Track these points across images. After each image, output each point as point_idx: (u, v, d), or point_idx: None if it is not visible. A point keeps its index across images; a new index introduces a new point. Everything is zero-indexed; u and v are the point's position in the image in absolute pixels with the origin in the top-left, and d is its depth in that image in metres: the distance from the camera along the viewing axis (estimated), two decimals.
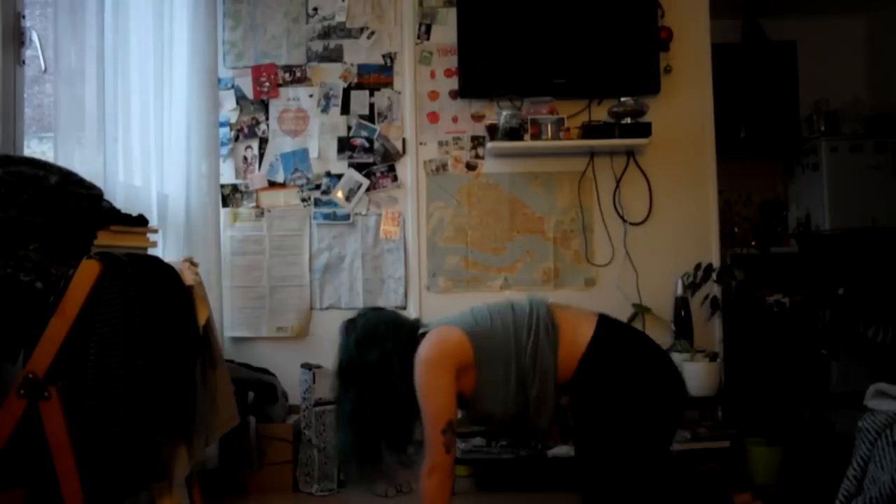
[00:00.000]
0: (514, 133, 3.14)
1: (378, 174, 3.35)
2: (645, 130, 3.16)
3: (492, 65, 3.27)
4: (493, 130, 3.20)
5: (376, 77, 3.38)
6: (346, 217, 3.34)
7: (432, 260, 3.33)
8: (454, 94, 3.34)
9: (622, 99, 3.15)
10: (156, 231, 2.33)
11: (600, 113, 3.29)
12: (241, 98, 3.39)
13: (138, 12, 2.65)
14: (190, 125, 2.99)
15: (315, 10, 3.40)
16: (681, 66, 3.34)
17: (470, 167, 3.35)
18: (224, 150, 3.33)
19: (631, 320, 3.22)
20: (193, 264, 2.27)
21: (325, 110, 3.37)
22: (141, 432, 1.69)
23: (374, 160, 3.36)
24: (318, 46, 3.40)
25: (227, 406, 2.35)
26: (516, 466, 2.85)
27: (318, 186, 3.36)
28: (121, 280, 1.70)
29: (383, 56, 3.38)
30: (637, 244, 3.32)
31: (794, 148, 4.41)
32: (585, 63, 3.26)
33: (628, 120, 3.16)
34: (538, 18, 3.25)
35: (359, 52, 3.39)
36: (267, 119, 3.39)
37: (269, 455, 2.85)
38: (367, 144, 3.36)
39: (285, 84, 3.39)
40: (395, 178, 3.36)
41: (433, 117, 3.36)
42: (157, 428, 1.78)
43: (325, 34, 3.40)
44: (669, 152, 3.32)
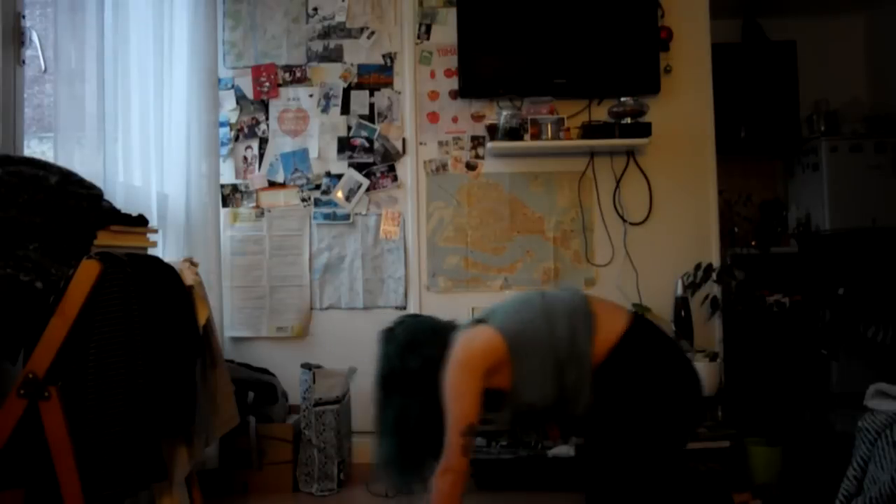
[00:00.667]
0: (514, 133, 3.14)
1: (378, 174, 3.35)
2: (645, 130, 3.16)
3: (492, 65, 3.27)
4: (493, 130, 3.21)
5: (376, 77, 3.38)
6: (346, 217, 3.35)
7: (432, 260, 3.33)
8: (454, 94, 3.34)
9: (622, 99, 3.15)
10: (156, 231, 2.33)
11: (600, 113, 3.29)
12: (241, 98, 3.39)
13: (138, 12, 2.65)
14: (190, 125, 2.99)
15: (315, 10, 3.40)
16: (681, 66, 3.34)
17: (470, 167, 3.35)
18: (224, 150, 3.34)
19: None
20: (193, 264, 2.27)
21: (325, 110, 3.38)
22: (141, 432, 1.69)
23: (374, 160, 3.36)
24: (318, 46, 3.40)
25: (227, 406, 2.36)
26: (516, 466, 2.85)
27: (318, 186, 3.36)
28: (121, 280, 1.70)
29: (383, 56, 3.39)
30: (637, 244, 3.32)
31: (794, 148, 4.41)
32: (585, 63, 3.26)
33: (628, 120, 3.17)
34: (538, 18, 3.25)
35: (359, 52, 3.39)
36: (267, 119, 3.39)
37: (269, 455, 2.85)
38: (367, 144, 3.36)
39: (285, 84, 3.39)
40: (395, 178, 3.36)
41: (433, 117, 3.36)
42: (157, 428, 1.78)
43: (325, 34, 3.40)
44: (669, 152, 3.33)
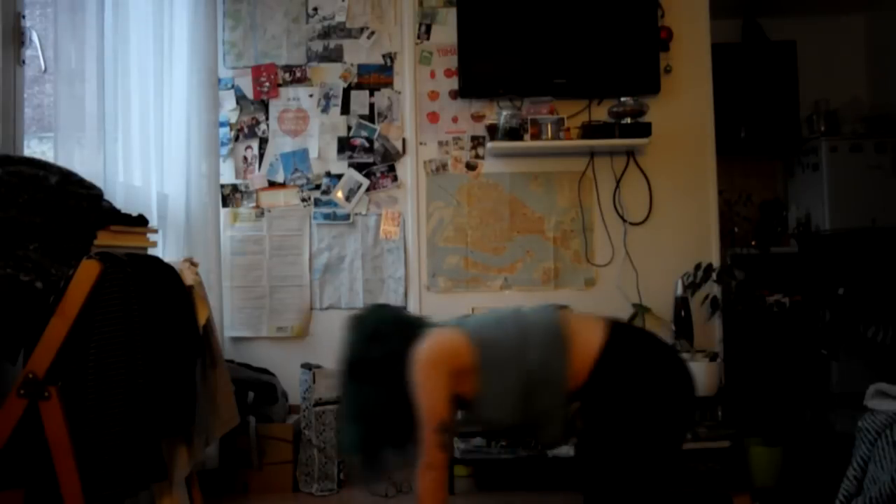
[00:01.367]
0: (514, 133, 3.14)
1: (378, 174, 3.35)
2: (645, 130, 3.16)
3: (492, 65, 3.27)
4: (493, 130, 3.20)
5: (376, 77, 3.38)
6: (346, 217, 3.35)
7: (432, 260, 3.33)
8: (454, 94, 3.34)
9: (622, 99, 3.15)
10: (156, 231, 2.33)
11: (600, 113, 3.29)
12: (241, 98, 3.39)
13: (138, 12, 2.65)
14: (190, 125, 2.99)
15: (315, 10, 3.40)
16: (681, 66, 3.34)
17: (470, 167, 3.35)
18: (224, 150, 3.34)
19: (631, 320, 3.22)
20: (193, 264, 2.27)
21: (325, 110, 3.37)
22: (141, 432, 1.69)
23: (374, 160, 3.36)
24: (318, 46, 3.40)
25: (227, 406, 2.36)
26: (516, 466, 2.85)
27: (318, 186, 3.36)
28: (121, 280, 1.70)
29: (383, 56, 3.39)
30: (637, 244, 3.32)
31: (794, 148, 4.41)
32: (585, 63, 3.26)
33: (628, 120, 3.16)
34: (538, 18, 3.25)
35: (359, 52, 3.39)
36: (267, 119, 3.39)
37: (269, 455, 2.85)
38: (367, 144, 3.36)
39: (285, 84, 3.39)
40: (395, 178, 3.36)
41: (433, 117, 3.36)
42: (157, 428, 1.78)
43: (325, 34, 3.40)
44: (669, 152, 3.32)
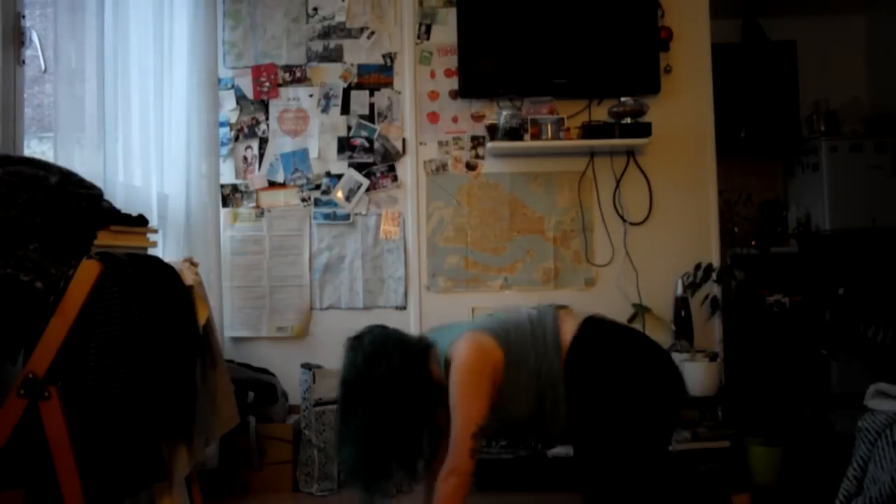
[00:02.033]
0: (514, 133, 3.14)
1: (378, 174, 3.35)
2: (645, 130, 3.16)
3: (492, 65, 3.27)
4: (493, 130, 3.20)
5: (376, 77, 3.38)
6: (346, 217, 3.35)
7: (432, 260, 3.33)
8: (454, 94, 3.34)
9: (622, 99, 3.15)
10: (156, 231, 2.33)
11: (600, 113, 3.29)
12: (241, 98, 3.39)
13: (138, 12, 2.65)
14: (190, 125, 2.99)
15: (315, 10, 3.40)
16: (681, 66, 3.34)
17: (470, 167, 3.35)
18: (224, 150, 3.34)
19: (631, 320, 3.22)
20: (193, 264, 2.27)
21: (325, 110, 3.37)
22: (141, 432, 1.69)
23: (374, 160, 3.36)
24: (318, 46, 3.40)
25: (227, 406, 2.36)
26: (516, 466, 2.85)
27: (318, 186, 3.36)
28: (121, 280, 1.70)
29: (383, 56, 3.38)
30: (637, 244, 3.32)
31: (794, 148, 4.41)
32: (585, 63, 3.26)
33: (628, 120, 3.16)
34: (538, 18, 3.25)
35: (359, 52, 3.39)
36: (267, 119, 3.39)
37: (269, 455, 2.85)
38: (367, 144, 3.36)
39: (285, 84, 3.39)
40: (395, 178, 3.36)
41: (433, 117, 3.36)
42: (157, 428, 1.78)
43: (325, 34, 3.40)
44: (669, 152, 3.32)
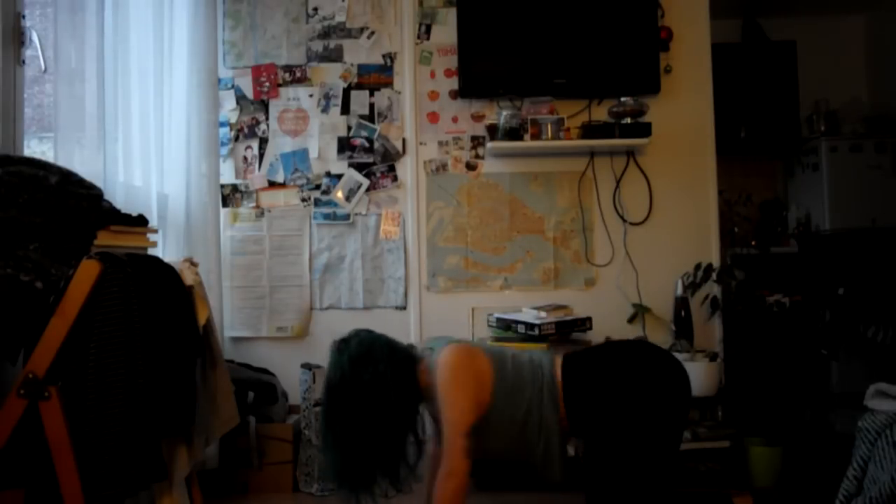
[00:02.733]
0: (514, 133, 3.14)
1: (378, 174, 3.35)
2: (645, 130, 3.16)
3: (492, 65, 3.27)
4: (493, 130, 3.20)
5: (376, 77, 3.38)
6: (346, 217, 3.35)
7: (432, 260, 3.33)
8: (454, 94, 3.34)
9: (622, 99, 3.15)
10: (156, 231, 2.32)
11: (600, 113, 3.29)
12: (241, 98, 3.39)
13: (138, 12, 2.65)
14: (190, 125, 2.99)
15: (315, 10, 3.40)
16: (681, 66, 3.34)
17: (470, 167, 3.35)
18: (224, 150, 3.33)
19: (631, 320, 3.23)
20: (193, 264, 2.27)
21: (325, 110, 3.37)
22: (141, 432, 1.69)
23: (374, 160, 3.36)
24: (318, 46, 3.40)
25: (227, 406, 2.36)
26: (516, 466, 2.84)
27: (318, 186, 3.36)
28: (121, 280, 1.70)
29: (383, 56, 3.38)
30: (637, 244, 3.32)
31: (794, 148, 4.42)
32: (585, 63, 3.26)
33: (628, 120, 3.16)
34: (538, 18, 3.25)
35: (359, 52, 3.39)
36: (267, 119, 3.39)
37: (269, 455, 2.85)
38: (367, 144, 3.36)
39: (285, 84, 3.39)
40: (395, 178, 3.36)
41: (433, 117, 3.36)
42: (157, 428, 1.78)
43: (325, 34, 3.40)
44: (669, 152, 3.32)
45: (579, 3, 3.27)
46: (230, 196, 3.37)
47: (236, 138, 3.38)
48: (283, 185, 3.37)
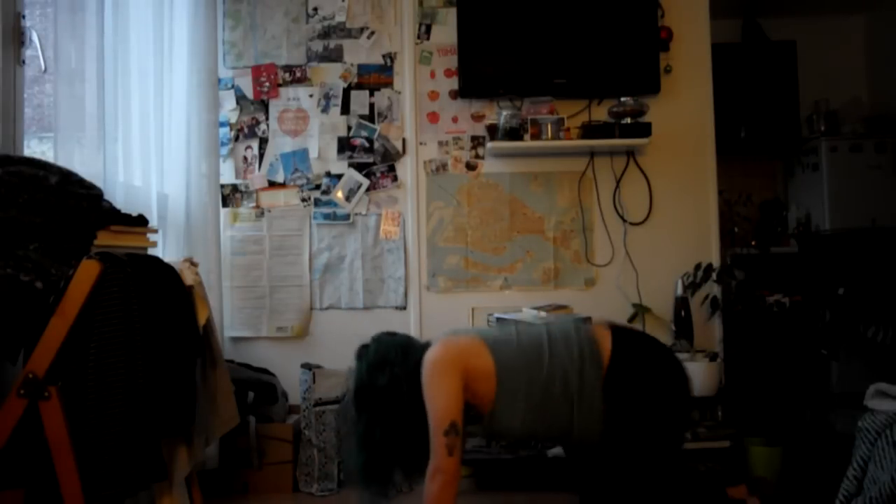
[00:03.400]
0: (514, 133, 3.14)
1: (378, 174, 3.35)
2: (645, 130, 3.16)
3: (492, 65, 3.27)
4: (493, 130, 3.21)
5: (376, 77, 3.38)
6: (346, 217, 3.34)
7: (432, 260, 3.33)
8: (454, 94, 3.34)
9: (622, 99, 3.15)
10: (156, 231, 2.32)
11: (600, 113, 3.29)
12: (241, 98, 3.39)
13: (138, 12, 2.65)
14: (190, 125, 2.99)
15: (315, 10, 3.40)
16: (681, 66, 3.34)
17: (470, 167, 3.35)
18: (224, 150, 3.33)
19: (631, 320, 3.23)
20: (193, 264, 2.27)
21: (325, 110, 3.37)
22: (141, 432, 1.69)
23: (374, 160, 3.36)
24: (318, 46, 3.40)
25: (227, 406, 2.36)
26: (516, 466, 2.85)
27: (318, 186, 3.36)
28: (121, 280, 1.70)
29: (383, 56, 3.38)
30: (637, 244, 3.32)
31: (794, 148, 4.41)
32: (585, 63, 3.26)
33: (628, 120, 3.16)
34: (538, 18, 3.25)
35: (359, 52, 3.39)
36: (267, 119, 3.39)
37: (269, 455, 2.84)
38: (367, 144, 3.36)
39: (285, 84, 3.39)
40: (395, 178, 3.36)
41: (433, 117, 3.36)
42: (157, 428, 1.78)
43: (325, 34, 3.40)
44: (669, 152, 3.33)
45: (579, 4, 3.27)
46: (230, 196, 3.37)
47: (236, 138, 3.38)
48: (283, 185, 3.37)
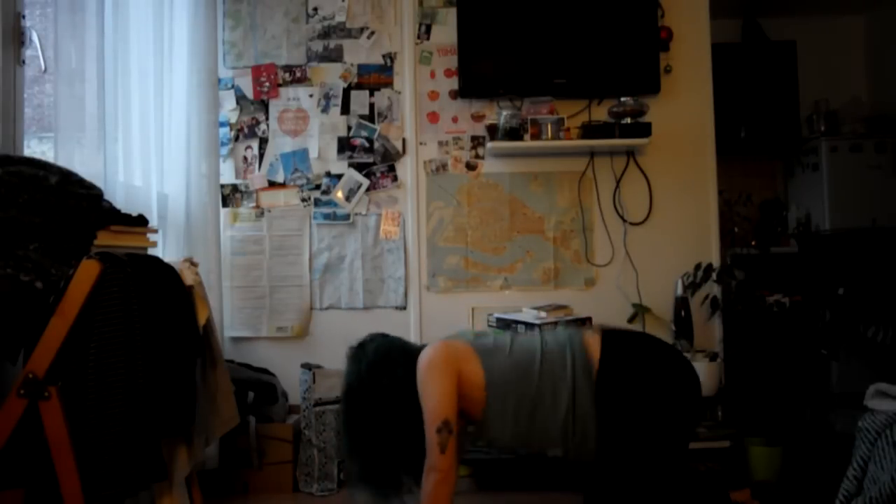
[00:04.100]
0: (514, 133, 3.14)
1: (378, 174, 3.35)
2: (645, 130, 3.16)
3: (492, 65, 3.27)
4: (493, 130, 3.20)
5: (376, 77, 3.38)
6: (346, 217, 3.35)
7: (432, 260, 3.33)
8: (454, 94, 3.34)
9: (622, 99, 3.15)
10: (156, 231, 2.33)
11: (600, 113, 3.29)
12: (241, 98, 3.39)
13: (138, 12, 2.65)
14: (190, 125, 2.99)
15: (315, 10, 3.40)
16: (681, 66, 3.34)
17: (470, 167, 3.35)
18: (224, 150, 3.34)
19: (631, 320, 3.23)
20: (193, 264, 2.27)
21: (325, 110, 3.37)
22: (141, 432, 1.69)
23: (374, 160, 3.36)
24: (318, 46, 3.40)
25: (227, 406, 2.36)
26: (516, 466, 2.85)
27: (318, 186, 3.36)
28: (121, 280, 1.70)
29: (383, 56, 3.38)
30: (637, 244, 3.32)
31: (794, 148, 4.42)
32: (585, 63, 3.26)
33: (628, 120, 3.16)
34: (538, 18, 3.25)
35: (359, 52, 3.39)
36: (267, 119, 3.39)
37: (269, 455, 2.85)
38: (367, 144, 3.36)
39: (285, 84, 3.39)
40: (395, 178, 3.36)
41: (433, 117, 3.36)
42: (157, 428, 1.78)
43: (325, 34, 3.40)
44: (669, 152, 3.33)
45: (579, 4, 3.27)
46: (230, 196, 3.37)
47: (236, 138, 3.38)
48: (283, 185, 3.37)
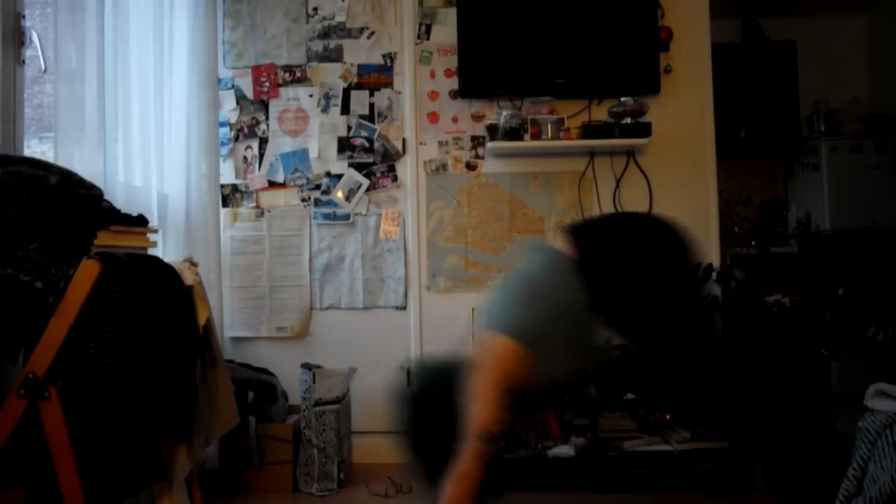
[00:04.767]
0: (514, 133, 3.14)
1: (378, 174, 3.35)
2: (645, 130, 3.16)
3: (492, 65, 3.27)
4: (493, 130, 3.21)
5: (376, 77, 3.38)
6: (346, 217, 3.35)
7: (432, 260, 3.33)
8: (454, 94, 3.34)
9: (622, 99, 3.15)
10: (156, 231, 2.33)
11: (600, 113, 3.29)
12: (241, 98, 3.39)
13: (138, 12, 2.65)
14: (190, 125, 2.99)
15: (315, 10, 3.40)
16: (681, 66, 3.34)
17: (470, 167, 3.35)
18: (224, 150, 3.34)
19: None
20: (193, 264, 2.27)
21: (325, 110, 3.38)
22: (141, 432, 1.69)
23: (374, 160, 3.36)
24: (318, 46, 3.40)
25: (227, 406, 2.36)
26: (516, 466, 2.85)
27: (318, 186, 3.36)
28: (121, 280, 1.70)
29: (383, 56, 3.39)
30: None
31: (794, 148, 4.42)
32: (585, 63, 3.26)
33: (628, 120, 3.17)
34: (538, 18, 3.25)
35: (359, 52, 3.39)
36: (267, 119, 3.39)
37: (269, 455, 2.85)
38: (367, 144, 3.36)
39: (285, 84, 3.39)
40: (395, 178, 3.36)
41: (433, 117, 3.36)
42: (157, 428, 1.78)
43: (325, 34, 3.40)
44: (669, 152, 3.33)
45: (579, 4, 3.27)
46: (230, 196, 3.37)
47: (236, 138, 3.38)
48: (283, 185, 3.37)
